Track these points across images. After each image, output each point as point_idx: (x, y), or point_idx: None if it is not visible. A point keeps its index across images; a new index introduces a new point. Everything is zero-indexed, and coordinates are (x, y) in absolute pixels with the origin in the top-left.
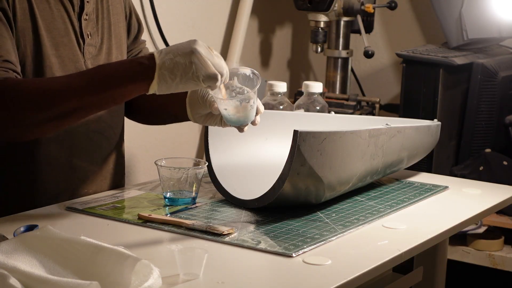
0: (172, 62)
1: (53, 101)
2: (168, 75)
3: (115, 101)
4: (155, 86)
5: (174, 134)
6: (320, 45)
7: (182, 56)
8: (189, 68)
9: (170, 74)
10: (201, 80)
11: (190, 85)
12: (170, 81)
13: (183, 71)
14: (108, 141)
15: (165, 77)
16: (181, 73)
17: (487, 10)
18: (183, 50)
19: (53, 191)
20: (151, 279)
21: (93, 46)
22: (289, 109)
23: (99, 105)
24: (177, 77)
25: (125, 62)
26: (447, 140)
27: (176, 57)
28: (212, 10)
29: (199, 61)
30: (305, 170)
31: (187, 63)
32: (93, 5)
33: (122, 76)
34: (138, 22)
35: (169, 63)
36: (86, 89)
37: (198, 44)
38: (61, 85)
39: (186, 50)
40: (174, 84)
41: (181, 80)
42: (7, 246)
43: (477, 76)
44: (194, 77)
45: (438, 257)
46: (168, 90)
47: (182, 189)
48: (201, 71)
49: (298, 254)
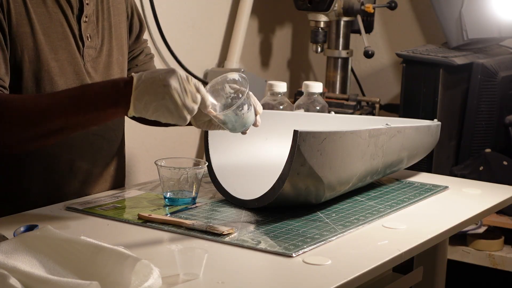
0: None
1: (37, 121)
2: (142, 107)
3: (98, 123)
4: (132, 112)
5: (174, 134)
6: (320, 45)
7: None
8: (160, 105)
9: (144, 107)
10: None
11: (162, 120)
12: (144, 112)
13: (155, 107)
14: (109, 143)
15: (139, 107)
16: (153, 108)
17: (487, 10)
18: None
19: (54, 193)
20: (151, 279)
21: (93, 48)
22: (289, 109)
23: (82, 126)
24: (149, 110)
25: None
26: (447, 140)
27: (150, 90)
28: (212, 10)
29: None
30: (305, 170)
31: (159, 99)
32: (93, 7)
33: (102, 99)
34: (140, 21)
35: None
36: (69, 110)
37: (174, 79)
38: (45, 105)
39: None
40: (147, 115)
41: (153, 115)
42: (7, 246)
43: (477, 76)
44: (165, 115)
45: (438, 257)
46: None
47: (182, 189)
48: (169, 114)
49: (298, 254)
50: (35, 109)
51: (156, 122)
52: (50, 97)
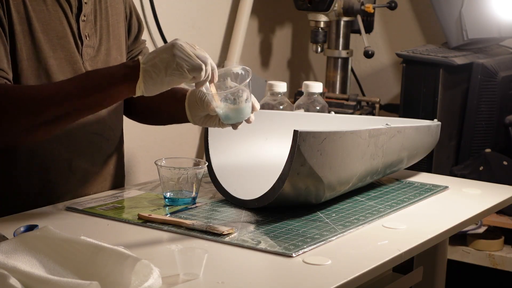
0: (155, 58)
1: (44, 106)
2: (152, 71)
3: (104, 104)
4: (141, 85)
5: (174, 134)
6: (320, 45)
7: (164, 51)
8: (171, 60)
9: (154, 69)
10: (185, 71)
11: (176, 79)
12: (155, 77)
13: (167, 65)
14: (108, 142)
15: (149, 73)
16: (165, 67)
17: (487, 10)
18: (165, 46)
19: (53, 193)
20: (151, 279)
21: (91, 47)
22: (289, 109)
23: (89, 108)
24: (161, 71)
25: (112, 67)
26: (447, 140)
27: (158, 54)
28: (212, 10)
29: (181, 52)
30: (305, 170)
31: (169, 56)
32: (91, 6)
33: (109, 78)
34: (139, 21)
35: (152, 60)
36: (75, 93)
37: (179, 40)
38: (51, 91)
39: (167, 45)
40: (159, 79)
41: (166, 74)
42: (7, 246)
43: (477, 76)
44: (178, 68)
45: (438, 257)
46: (154, 87)
47: (182, 189)
48: (184, 62)
49: (298, 254)
50: (40, 96)
51: (156, 122)
52: (55, 84)
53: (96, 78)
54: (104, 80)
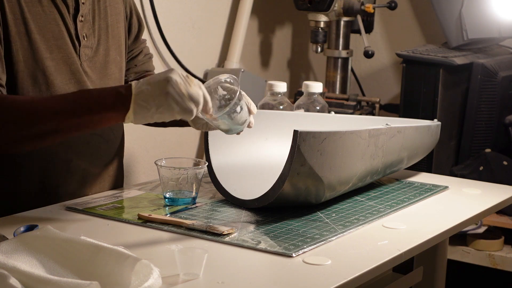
0: (148, 92)
1: (33, 121)
2: (143, 106)
3: (93, 127)
4: (131, 116)
5: (174, 134)
6: (320, 45)
7: (158, 86)
8: (164, 100)
9: (146, 104)
10: (175, 112)
11: (166, 116)
12: (146, 111)
13: (158, 103)
14: (107, 143)
15: (140, 107)
16: (156, 104)
17: (487, 10)
18: (160, 78)
19: (51, 193)
20: (151, 279)
21: (89, 48)
22: (289, 109)
23: (77, 129)
24: (152, 108)
25: (104, 90)
26: (447, 140)
27: (152, 87)
28: (212, 10)
29: (174, 91)
30: (305, 170)
31: (162, 94)
32: (89, 6)
33: (100, 103)
34: (139, 21)
35: (145, 93)
36: (65, 112)
37: (174, 73)
38: (42, 106)
39: (162, 78)
40: (149, 114)
41: (156, 111)
42: (7, 246)
43: (477, 76)
44: (170, 109)
45: (438, 257)
46: (144, 120)
47: (182, 189)
48: (175, 104)
49: (298, 254)
50: (29, 110)
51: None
52: (46, 99)
53: (88, 100)
54: (95, 104)
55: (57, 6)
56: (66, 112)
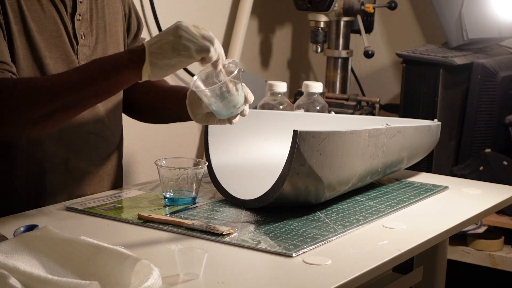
0: (160, 41)
1: (51, 96)
2: (159, 53)
3: (112, 91)
4: (147, 68)
5: (174, 134)
6: (320, 45)
7: (169, 33)
8: (177, 42)
9: (161, 51)
10: (193, 52)
11: (184, 59)
12: (163, 58)
13: (173, 47)
14: (106, 142)
15: (156, 56)
16: (171, 49)
17: (487, 10)
18: (169, 28)
19: (49, 192)
20: (151, 279)
21: (87, 47)
22: (289, 109)
23: (97, 96)
24: (168, 53)
25: (116, 53)
26: (447, 140)
27: (163, 36)
28: (212, 10)
29: (186, 33)
30: (304, 170)
31: (175, 38)
32: (86, 5)
33: (115, 64)
34: (138, 20)
35: (158, 42)
36: (82, 82)
37: (183, 21)
38: (58, 80)
39: (171, 27)
40: (166, 62)
41: (172, 56)
42: (7, 246)
43: (477, 76)
44: (186, 49)
45: (438, 257)
46: (161, 70)
47: (182, 189)
48: (190, 43)
49: (298, 254)
50: (46, 87)
51: (157, 120)
52: (61, 74)
53: (101, 65)
54: (109, 67)
55: (55, 4)
56: (82, 81)
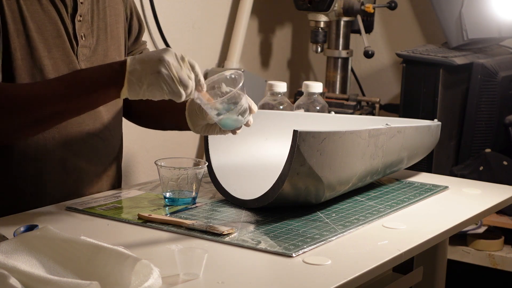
0: (140, 69)
1: (30, 107)
2: (136, 82)
3: (91, 106)
4: (125, 91)
5: (174, 134)
6: (320, 45)
7: (150, 65)
8: (155, 78)
9: (138, 82)
10: (165, 93)
11: (156, 95)
12: (138, 89)
13: (149, 81)
14: (104, 143)
15: (133, 84)
16: (148, 82)
17: (487, 10)
18: (152, 58)
19: (47, 192)
20: (151, 279)
21: (87, 48)
22: (289, 109)
23: (76, 110)
24: (144, 85)
25: (99, 68)
26: (447, 140)
27: (145, 65)
28: (212, 10)
29: (166, 72)
30: (304, 170)
31: (153, 74)
32: (87, 6)
33: (95, 81)
34: (139, 22)
35: (138, 71)
36: (62, 95)
37: (168, 54)
38: (38, 91)
39: (154, 58)
40: (141, 91)
41: (147, 89)
42: (7, 246)
43: (477, 76)
44: (159, 88)
45: (438, 257)
46: (137, 96)
47: (182, 189)
48: (165, 85)
49: (298, 254)
50: (27, 95)
51: (156, 127)
52: (44, 84)
53: (83, 80)
54: (90, 84)
55: (55, 5)
56: (64, 94)
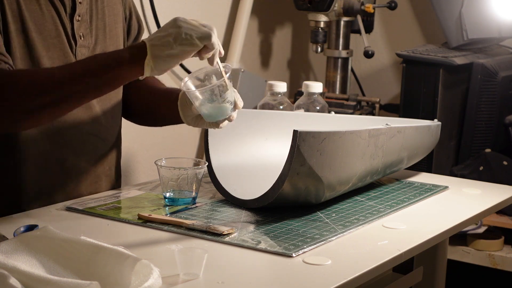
0: (161, 34)
1: (50, 86)
2: (161, 45)
3: (112, 85)
4: (150, 62)
5: (174, 134)
6: (320, 45)
7: (168, 27)
8: (178, 32)
9: (163, 43)
10: (195, 39)
11: (187, 48)
12: (165, 50)
13: (175, 36)
14: (103, 142)
15: (158, 48)
16: (174, 38)
17: (487, 10)
18: (167, 23)
19: (46, 192)
20: (151, 279)
21: (86, 48)
22: (289, 109)
23: (96, 89)
24: (170, 43)
25: (118, 50)
26: (447, 140)
27: (163, 30)
28: (212, 10)
29: (185, 23)
30: (304, 170)
31: (176, 29)
32: (86, 6)
33: (117, 58)
34: (139, 23)
35: (158, 36)
36: (83, 73)
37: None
38: (58, 72)
39: (169, 22)
40: (168, 53)
41: (175, 46)
42: (7, 246)
43: (477, 76)
44: (188, 37)
45: (438, 257)
46: (164, 62)
47: (182, 189)
48: (192, 31)
49: (298, 254)
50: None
51: (153, 123)
52: (61, 67)
53: (103, 59)
54: (111, 61)
55: (54, 4)
56: (83, 73)
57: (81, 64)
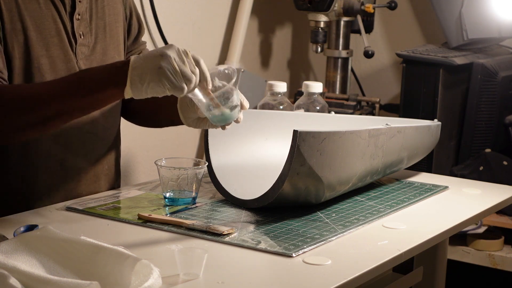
0: (142, 66)
1: (35, 106)
2: (138, 80)
3: (95, 106)
4: (128, 90)
5: (174, 134)
6: (320, 45)
7: (152, 60)
8: (156, 73)
9: (140, 79)
10: (166, 89)
11: (158, 91)
12: (140, 86)
13: (151, 77)
14: (102, 142)
15: (135, 82)
16: (149, 79)
17: (487, 10)
18: (154, 54)
19: (45, 192)
20: (151, 279)
21: (86, 46)
22: (289, 109)
23: (80, 110)
24: (145, 82)
25: (103, 67)
26: (447, 140)
27: (148, 62)
28: (212, 10)
29: (167, 66)
30: (304, 170)
31: (155, 70)
32: (86, 5)
33: (99, 81)
34: (139, 23)
35: (140, 68)
36: (66, 94)
37: (170, 49)
38: (43, 90)
39: (156, 54)
40: (143, 88)
41: (149, 85)
42: (7, 246)
43: (477, 76)
44: (160, 85)
45: (438, 257)
46: (140, 95)
47: (182, 189)
48: (166, 81)
49: (298, 254)
50: (30, 95)
51: (153, 124)
52: (47, 84)
53: (85, 81)
54: (92, 84)
55: (54, 3)
56: (66, 95)
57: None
